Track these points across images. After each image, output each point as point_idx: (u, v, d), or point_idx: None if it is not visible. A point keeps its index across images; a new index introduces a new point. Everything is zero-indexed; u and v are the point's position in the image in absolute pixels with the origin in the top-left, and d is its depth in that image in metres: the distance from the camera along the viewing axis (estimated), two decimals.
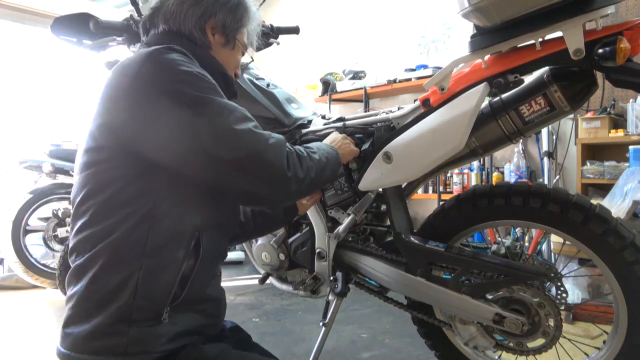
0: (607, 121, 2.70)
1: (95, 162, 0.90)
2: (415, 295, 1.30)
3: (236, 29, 1.10)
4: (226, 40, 1.09)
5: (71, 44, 1.39)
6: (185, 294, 0.92)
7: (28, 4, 4.03)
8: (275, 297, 2.84)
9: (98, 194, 0.89)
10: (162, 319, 0.89)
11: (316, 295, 1.49)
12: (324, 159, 1.06)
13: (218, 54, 1.09)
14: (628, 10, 2.80)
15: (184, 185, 0.91)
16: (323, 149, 1.10)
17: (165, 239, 0.90)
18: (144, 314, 0.88)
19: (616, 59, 0.91)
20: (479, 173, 3.34)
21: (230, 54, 1.12)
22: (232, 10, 1.08)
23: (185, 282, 0.93)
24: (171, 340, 0.91)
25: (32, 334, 2.34)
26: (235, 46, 1.12)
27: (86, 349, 0.87)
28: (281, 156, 0.91)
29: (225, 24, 1.08)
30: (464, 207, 1.25)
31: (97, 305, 0.87)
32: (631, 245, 1.07)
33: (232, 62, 1.14)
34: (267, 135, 0.92)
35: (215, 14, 1.06)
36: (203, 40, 1.06)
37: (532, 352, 1.22)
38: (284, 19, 1.83)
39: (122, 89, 0.87)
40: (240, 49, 1.15)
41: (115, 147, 0.88)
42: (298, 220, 1.55)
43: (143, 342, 0.88)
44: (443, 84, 1.13)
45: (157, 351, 0.89)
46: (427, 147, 1.15)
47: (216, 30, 1.08)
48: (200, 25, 1.05)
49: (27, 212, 3.09)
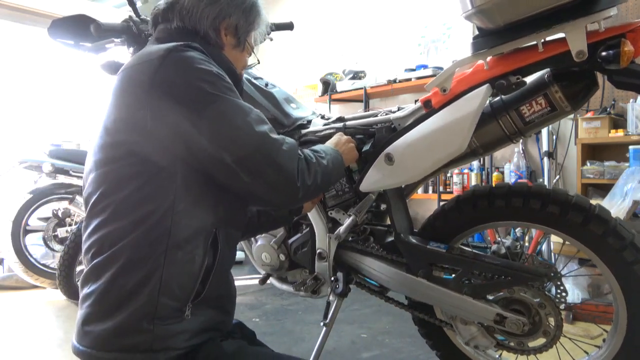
0: (607, 121, 2.71)
1: (111, 159, 0.90)
2: (416, 295, 1.31)
3: (247, 32, 1.12)
4: (237, 42, 1.11)
5: (69, 47, 1.39)
6: (206, 291, 0.94)
7: (28, 4, 4.02)
8: (275, 297, 2.84)
9: (115, 192, 0.88)
10: (185, 315, 0.91)
11: (317, 295, 1.49)
12: (331, 164, 1.07)
13: (229, 54, 1.10)
14: (628, 11, 2.81)
15: (201, 182, 0.91)
16: (330, 154, 1.11)
17: (186, 236, 0.90)
18: (167, 311, 0.88)
19: (620, 61, 0.91)
20: (479, 173, 3.34)
21: (240, 55, 1.14)
22: (246, 12, 1.10)
23: (207, 279, 0.94)
24: (193, 336, 0.92)
25: (32, 334, 2.34)
26: (245, 48, 1.14)
27: (111, 347, 0.86)
28: (293, 162, 0.92)
29: (239, 25, 1.09)
30: (464, 208, 1.26)
31: (118, 303, 0.86)
32: (630, 245, 1.08)
33: (241, 63, 1.15)
34: (282, 139, 0.93)
35: (230, 15, 1.07)
36: (217, 41, 1.07)
37: (532, 351, 1.23)
38: (285, 19, 1.83)
39: (142, 86, 0.87)
40: (249, 50, 1.17)
41: (133, 144, 0.88)
42: (298, 221, 1.55)
43: (167, 338, 0.88)
44: (445, 85, 1.13)
45: (180, 347, 0.90)
46: (429, 149, 1.16)
47: (229, 31, 1.09)
48: (215, 26, 1.06)
49: (27, 212, 3.09)
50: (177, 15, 1.05)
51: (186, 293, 0.91)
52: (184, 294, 0.91)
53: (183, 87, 0.86)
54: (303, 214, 1.43)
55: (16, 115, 4.08)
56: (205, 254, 0.93)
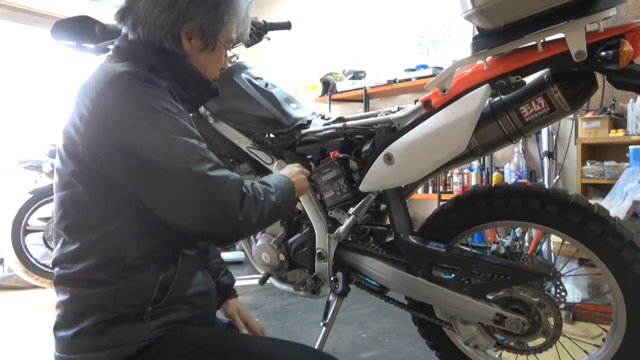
0: (607, 121, 2.71)
1: (64, 184, 0.92)
2: (416, 295, 1.31)
3: (216, 30, 1.00)
4: (204, 45, 1.00)
5: (71, 48, 1.39)
6: (166, 299, 0.94)
7: (28, 4, 4.02)
8: (275, 297, 2.84)
9: (72, 216, 0.92)
10: (144, 318, 0.92)
11: (316, 295, 1.49)
12: (280, 200, 1.03)
13: (195, 59, 1.01)
14: (628, 11, 2.81)
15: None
16: (282, 188, 1.06)
17: (141, 257, 0.91)
18: (127, 317, 0.91)
19: (619, 62, 0.92)
20: (479, 173, 3.34)
21: (210, 57, 1.03)
22: (212, 9, 0.97)
23: (166, 288, 0.94)
24: (157, 328, 0.94)
25: (32, 334, 2.34)
26: (216, 48, 1.02)
27: (74, 349, 0.91)
28: (235, 200, 0.89)
29: (203, 26, 0.97)
30: (464, 208, 1.26)
31: (81, 313, 0.91)
32: (629, 244, 1.08)
33: (212, 64, 1.05)
34: (224, 177, 0.89)
35: (191, 17, 0.95)
36: (176, 51, 0.98)
37: (532, 351, 1.23)
38: (284, 19, 1.83)
39: (84, 114, 0.87)
40: (223, 49, 1.06)
41: (78, 172, 0.90)
42: (298, 221, 1.55)
43: (128, 335, 0.91)
44: (445, 85, 1.13)
45: (143, 339, 0.92)
46: (429, 149, 1.16)
47: (193, 35, 0.98)
48: (173, 33, 0.96)
49: (27, 212, 3.09)
50: (130, 25, 0.97)
51: (144, 302, 0.92)
52: (141, 303, 0.92)
53: (122, 122, 0.85)
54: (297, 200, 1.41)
55: (16, 115, 4.08)
56: (160, 271, 0.94)
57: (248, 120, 1.53)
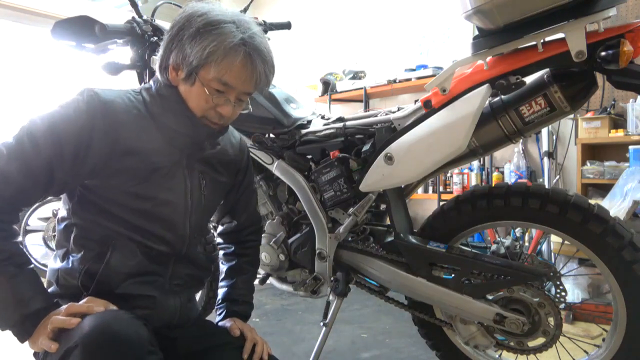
0: (607, 121, 2.71)
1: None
2: (416, 295, 1.31)
3: (194, 61, 0.94)
4: (187, 74, 0.97)
5: (72, 48, 1.40)
6: (91, 290, 0.98)
7: (28, 4, 4.02)
8: (275, 297, 2.84)
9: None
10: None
11: (316, 295, 1.49)
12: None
13: (182, 90, 1.00)
14: (628, 11, 2.81)
15: (85, 201, 1.00)
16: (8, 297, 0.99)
17: (77, 245, 1.00)
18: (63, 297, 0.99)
19: (619, 62, 0.92)
20: (479, 173, 3.34)
21: (190, 90, 0.98)
22: (194, 38, 0.94)
23: (91, 280, 0.98)
24: None
25: None
26: (194, 82, 0.97)
27: None
28: None
29: (185, 54, 0.95)
30: (464, 208, 1.26)
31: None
32: (629, 244, 1.08)
33: (193, 99, 0.98)
34: None
35: (176, 47, 0.97)
36: (163, 82, 1.01)
37: (532, 351, 1.23)
38: (284, 18, 1.84)
39: None
40: (204, 89, 0.96)
41: None
42: (298, 221, 1.55)
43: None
44: (445, 85, 1.13)
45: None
46: (429, 149, 1.16)
47: (178, 64, 0.97)
48: (165, 65, 1.00)
49: (27, 212, 3.09)
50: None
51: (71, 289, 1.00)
52: (69, 291, 1.01)
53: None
54: None
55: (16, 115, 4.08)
56: (89, 260, 0.99)
57: (248, 120, 1.53)
